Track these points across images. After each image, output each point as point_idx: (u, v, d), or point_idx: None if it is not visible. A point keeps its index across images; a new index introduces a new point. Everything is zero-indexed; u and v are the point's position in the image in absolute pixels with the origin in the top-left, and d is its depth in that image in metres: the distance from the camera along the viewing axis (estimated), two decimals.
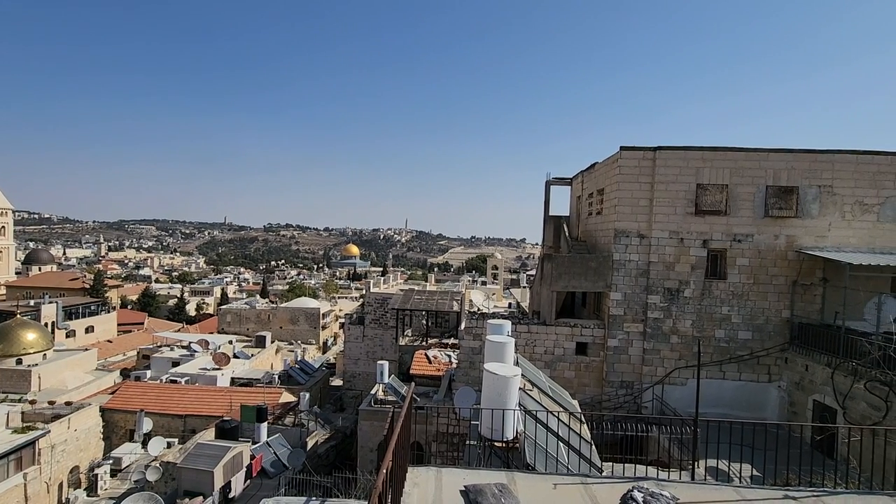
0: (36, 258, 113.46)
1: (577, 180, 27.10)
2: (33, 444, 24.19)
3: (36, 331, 39.70)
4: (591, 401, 19.97)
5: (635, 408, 19.81)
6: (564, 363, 20.77)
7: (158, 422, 29.05)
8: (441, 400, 21.75)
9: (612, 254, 20.14)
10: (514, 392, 10.09)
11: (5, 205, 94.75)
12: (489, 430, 9.91)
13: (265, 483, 21.42)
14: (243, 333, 54.69)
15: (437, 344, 31.21)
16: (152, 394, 31.59)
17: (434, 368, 26.97)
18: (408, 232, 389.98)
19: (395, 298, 34.80)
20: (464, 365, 21.48)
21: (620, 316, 20.07)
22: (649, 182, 19.85)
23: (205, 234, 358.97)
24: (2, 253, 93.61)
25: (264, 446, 23.18)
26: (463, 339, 21.74)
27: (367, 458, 22.64)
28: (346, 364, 37.88)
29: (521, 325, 20.74)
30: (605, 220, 21.62)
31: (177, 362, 39.30)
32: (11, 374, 36.34)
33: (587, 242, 24.11)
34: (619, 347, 20.16)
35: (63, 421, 26.47)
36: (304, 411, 28.50)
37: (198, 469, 19.90)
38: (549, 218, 27.72)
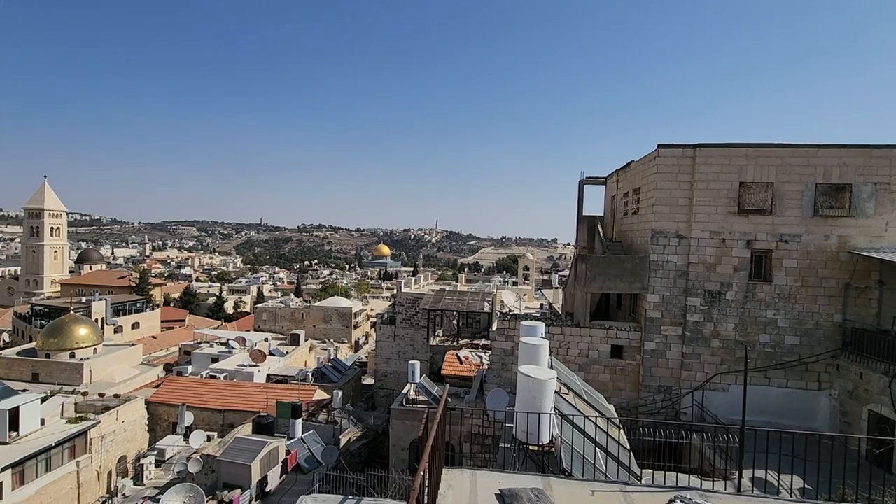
0: (87, 257, 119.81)
1: (612, 179, 26.49)
2: (85, 434, 25.49)
3: (87, 326, 41.89)
4: (626, 405, 19.47)
5: (673, 413, 19.17)
6: (599, 366, 20.32)
7: (199, 415, 30.13)
8: (472, 401, 21.66)
9: (648, 254, 19.57)
10: (550, 395, 9.93)
11: (60, 207, 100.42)
12: (524, 433, 9.77)
13: (300, 478, 21.87)
14: (278, 331, 56.14)
15: (469, 344, 31.14)
16: (193, 388, 32.79)
17: (465, 369, 26.91)
18: (438, 232, 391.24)
19: (426, 298, 34.92)
20: (496, 366, 21.33)
21: (658, 318, 19.48)
22: (689, 180, 19.18)
23: (242, 235, 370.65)
24: (57, 253, 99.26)
25: (299, 442, 23.67)
26: (495, 341, 21.59)
27: (399, 457, 22.79)
28: (378, 363, 38.27)
29: (554, 327, 20.42)
30: (642, 219, 21.03)
31: (216, 358, 40.67)
32: (65, 367, 38.48)
33: (622, 243, 23.51)
34: (656, 351, 19.57)
35: (112, 412, 27.79)
36: (337, 409, 28.96)
37: (236, 463, 20.52)
38: (583, 218, 27.19)
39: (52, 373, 38.31)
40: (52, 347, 39.26)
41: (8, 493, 21.38)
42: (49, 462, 23.49)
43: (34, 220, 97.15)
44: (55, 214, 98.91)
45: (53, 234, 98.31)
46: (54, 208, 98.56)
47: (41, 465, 23.08)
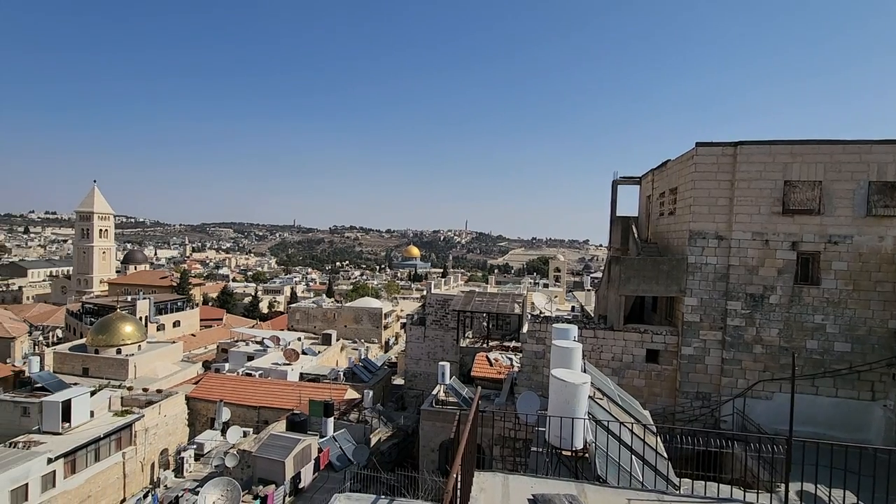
0: (132, 258, 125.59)
1: (647, 179, 25.81)
2: (131, 427, 26.68)
3: (132, 324, 43.90)
4: (662, 412, 18.88)
5: (713, 421, 18.48)
6: (633, 371, 19.80)
7: (235, 412, 31.08)
8: (503, 403, 21.48)
9: (686, 256, 18.94)
10: (584, 400, 9.73)
11: (108, 210, 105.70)
12: (557, 437, 9.61)
13: (332, 476, 22.22)
14: (311, 331, 57.31)
15: (499, 346, 30.93)
16: (230, 385, 33.85)
17: (495, 371, 26.74)
18: (468, 233, 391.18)
19: (456, 300, 34.91)
20: (526, 369, 21.10)
21: (696, 322, 18.82)
22: (729, 180, 18.46)
23: (276, 236, 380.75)
24: (105, 253, 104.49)
25: (331, 440, 24.06)
26: (525, 343, 21.36)
27: (429, 458, 22.84)
28: (408, 363, 38.52)
29: (586, 330, 20.04)
30: (679, 220, 20.39)
31: (251, 357, 41.87)
32: (112, 362, 40.43)
33: (658, 244, 22.85)
34: (694, 356, 18.91)
35: (155, 407, 28.99)
36: (368, 408, 29.30)
37: (271, 459, 21.04)
38: (617, 219, 26.59)
39: (101, 367, 40.33)
40: (101, 344, 41.33)
41: (60, 481, 22.59)
42: (98, 452, 24.68)
43: (84, 222, 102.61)
44: (103, 217, 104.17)
45: (102, 235, 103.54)
46: (103, 211, 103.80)
47: (90, 456, 24.28)
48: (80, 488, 23.53)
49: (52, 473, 22.17)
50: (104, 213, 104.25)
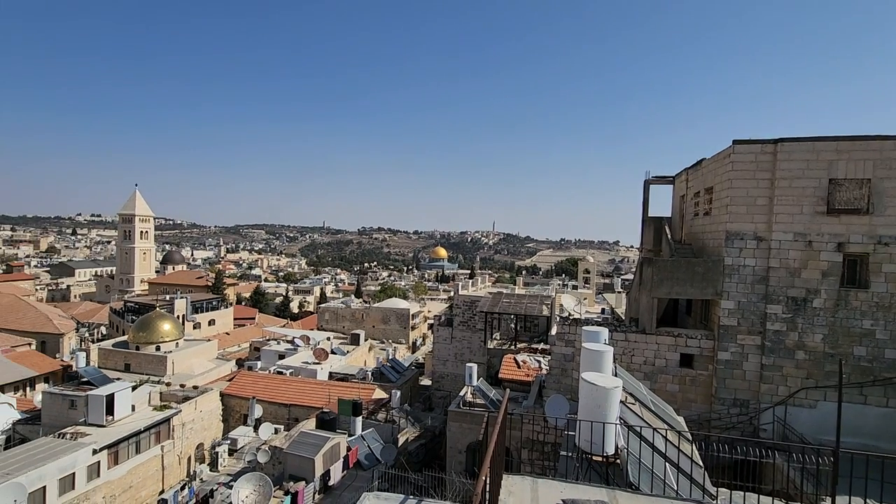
0: (170, 259, 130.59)
1: (681, 178, 25.09)
2: (169, 421, 27.66)
3: (170, 322, 45.55)
4: (697, 418, 18.29)
5: (751, 429, 17.77)
6: (667, 375, 19.25)
7: (267, 409, 31.81)
8: (531, 406, 21.25)
9: (722, 258, 18.30)
10: (615, 404, 9.51)
11: (148, 212, 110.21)
12: (587, 442, 9.42)
13: (360, 474, 22.48)
14: (339, 331, 58.16)
15: (526, 348, 30.64)
16: (262, 383, 34.67)
17: (523, 373, 26.51)
18: (495, 234, 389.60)
19: (484, 301, 34.79)
20: (555, 372, 20.81)
21: (733, 327, 18.15)
22: (769, 178, 17.74)
23: (306, 238, 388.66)
24: (146, 254, 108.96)
25: (359, 439, 24.34)
26: (554, 345, 21.08)
27: (456, 459, 22.81)
28: (435, 364, 38.59)
29: (617, 333, 19.61)
30: (715, 220, 19.72)
31: (282, 355, 42.79)
32: (152, 358, 42.05)
33: (692, 245, 22.17)
34: (731, 361, 18.23)
35: (191, 402, 29.96)
36: (396, 408, 29.49)
37: (301, 456, 21.44)
38: (649, 219, 25.96)
39: (141, 364, 42.00)
40: (141, 341, 43.04)
41: (105, 471, 23.61)
42: (138, 445, 25.70)
43: (127, 224, 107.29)
44: (144, 219, 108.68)
45: (143, 237, 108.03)
46: (143, 214, 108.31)
47: (132, 448, 25.30)
48: (123, 479, 24.54)
49: (96, 464, 23.20)
50: (145, 215, 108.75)
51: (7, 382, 38.82)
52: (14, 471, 19.99)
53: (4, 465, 20.60)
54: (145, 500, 25.20)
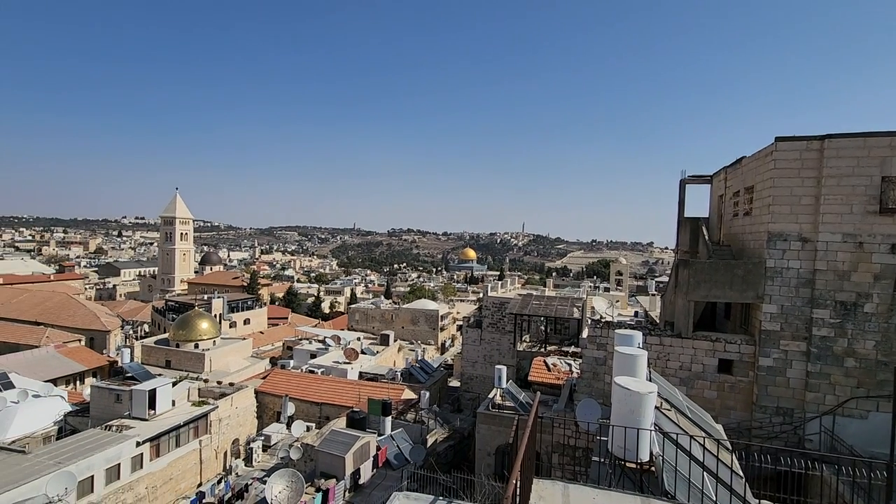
0: (208, 260, 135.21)
1: (719, 178, 24.22)
2: (206, 417, 28.61)
3: (208, 321, 47.16)
4: (737, 426, 17.58)
5: (795, 440, 16.94)
6: (704, 381, 18.59)
7: (299, 407, 32.49)
8: (561, 410, 20.91)
9: (764, 260, 17.54)
10: (649, 410, 9.24)
11: (187, 215, 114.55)
12: (620, 448, 9.19)
13: (389, 474, 22.65)
14: (369, 331, 58.85)
15: (557, 351, 30.21)
16: (295, 381, 35.43)
17: (553, 376, 26.15)
18: (525, 236, 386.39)
19: (513, 303, 34.51)
20: (586, 375, 20.41)
21: (776, 332, 17.36)
22: (814, 176, 16.90)
23: (337, 239, 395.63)
24: (185, 255, 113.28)
25: (388, 439, 24.52)
26: (585, 348, 20.68)
27: (485, 462, 22.68)
28: (464, 366, 38.54)
29: (651, 337, 19.07)
30: (756, 221, 18.94)
31: (314, 354, 43.64)
32: (191, 356, 43.63)
33: (731, 247, 21.36)
34: (773, 368, 17.44)
35: (227, 399, 30.90)
36: (424, 409, 29.59)
37: (332, 454, 21.77)
38: (685, 220, 25.16)
39: (181, 360, 43.66)
40: (181, 338, 44.74)
41: (147, 463, 24.63)
42: (178, 439, 26.68)
43: (168, 226, 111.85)
44: (184, 222, 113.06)
45: (183, 239, 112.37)
46: (183, 216, 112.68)
47: (172, 441, 26.29)
48: (164, 471, 25.53)
49: (140, 456, 24.23)
50: (184, 217, 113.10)
51: (59, 376, 41.10)
52: (65, 460, 21.10)
53: (57, 454, 21.77)
54: (184, 492, 26.13)
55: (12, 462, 20.70)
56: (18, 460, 20.92)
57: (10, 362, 39.39)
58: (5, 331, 53.18)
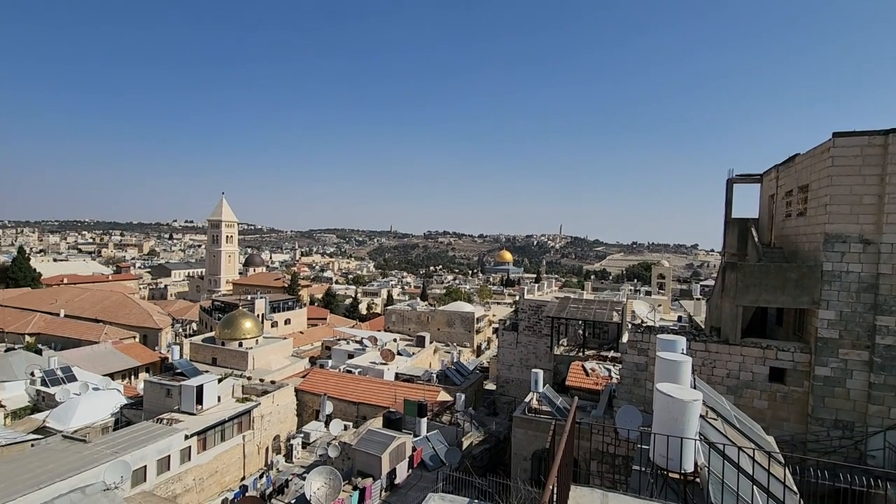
0: (252, 261, 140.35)
1: (770, 176, 23.04)
2: (250, 413, 29.62)
3: (251, 320, 48.86)
4: (790, 439, 16.62)
5: (856, 455, 15.85)
6: (753, 391, 17.68)
7: (337, 405, 33.12)
8: (600, 416, 20.40)
9: (820, 263, 16.53)
10: (694, 419, 8.86)
11: (232, 218, 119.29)
12: (662, 457, 8.85)
13: (424, 475, 22.72)
14: (405, 332, 59.36)
15: (595, 356, 29.50)
16: (333, 381, 36.16)
17: (591, 382, 25.54)
18: (562, 238, 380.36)
19: (550, 306, 33.98)
20: (626, 381, 19.83)
21: (834, 339, 16.31)
22: (878, 174, 15.80)
23: (374, 241, 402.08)
24: (231, 257, 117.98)
25: (424, 440, 24.62)
26: (625, 354, 20.11)
27: (521, 467, 22.40)
28: (500, 369, 38.24)
29: (696, 343, 18.33)
30: (811, 221, 17.88)
31: (352, 355, 44.41)
32: (235, 354, 45.31)
33: (784, 249, 20.25)
34: (831, 378, 16.39)
35: (269, 396, 31.88)
36: (460, 411, 29.54)
37: (369, 453, 22.05)
38: (732, 221, 24.07)
39: (226, 358, 45.41)
40: (226, 337, 46.55)
41: (194, 456, 25.74)
42: (223, 433, 27.74)
43: (214, 229, 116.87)
44: (229, 225, 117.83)
45: (228, 241, 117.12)
46: (229, 220, 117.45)
47: (217, 436, 27.36)
48: (210, 464, 26.60)
49: (188, 448, 25.35)
50: (230, 221, 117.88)
51: (116, 371, 43.65)
52: (121, 450, 22.33)
53: (114, 444, 23.08)
54: (228, 486, 27.11)
55: (74, 450, 22.09)
56: (80, 448, 22.30)
57: (73, 357, 42.16)
58: (70, 327, 57.01)
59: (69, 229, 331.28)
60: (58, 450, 22.19)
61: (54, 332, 55.29)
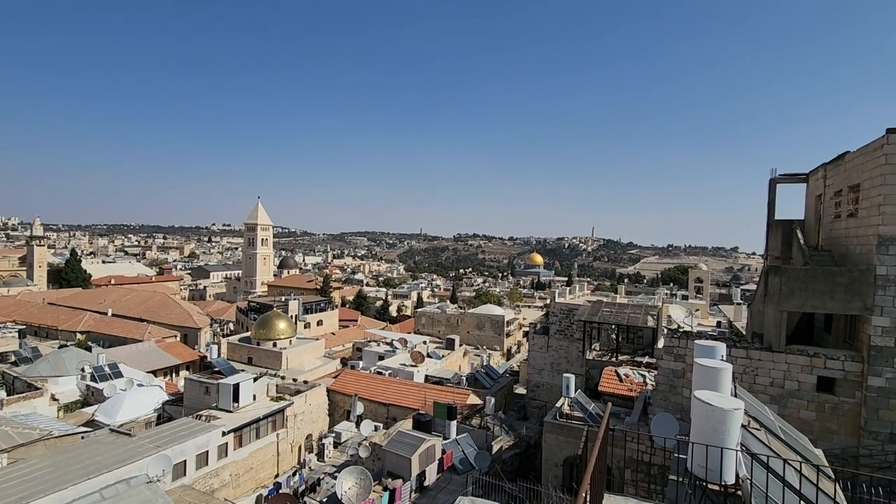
0: (285, 264, 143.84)
1: (817, 176, 21.94)
2: (283, 412, 30.29)
3: (285, 321, 50.03)
4: (840, 453, 15.73)
5: None
6: (799, 401, 16.84)
7: (368, 406, 33.49)
8: (634, 423, 19.87)
9: (873, 266, 15.61)
10: (735, 428, 8.49)
11: (267, 222, 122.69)
12: (701, 468, 8.53)
13: (454, 478, 22.64)
14: (435, 335, 59.52)
15: (629, 361, 28.76)
16: (364, 382, 36.59)
17: (625, 388, 24.92)
18: (594, 240, 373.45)
19: (582, 310, 33.37)
20: (662, 388, 19.24)
21: (889, 348, 15.35)
22: None
23: (404, 244, 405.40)
24: (266, 259, 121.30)
25: (453, 443, 24.55)
26: (661, 359, 19.51)
27: (552, 473, 22.04)
28: (530, 373, 37.81)
29: (737, 349, 17.61)
30: (863, 223, 16.91)
31: (382, 356, 44.84)
32: (270, 354, 46.47)
33: (832, 252, 19.23)
34: (886, 389, 15.43)
35: (302, 395, 32.53)
36: (490, 415, 29.34)
37: (399, 454, 22.17)
38: (775, 222, 23.05)
39: (261, 358, 46.63)
40: (261, 337, 47.81)
41: (231, 452, 26.52)
42: (258, 431, 28.48)
43: (251, 232, 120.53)
44: (265, 228, 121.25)
45: (263, 244, 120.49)
46: (264, 223, 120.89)
47: (252, 433, 28.11)
48: (245, 460, 27.35)
49: (225, 444, 26.15)
50: (265, 224, 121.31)
51: (159, 368, 45.54)
52: (163, 444, 23.25)
53: (157, 438, 24.06)
54: (263, 482, 27.79)
55: (120, 443, 23.15)
56: (125, 442, 23.35)
57: (119, 354, 44.26)
58: (116, 326, 59.90)
59: (116, 233, 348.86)
60: (105, 442, 23.30)
61: (103, 331, 58.22)
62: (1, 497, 17.37)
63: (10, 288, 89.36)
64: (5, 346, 45.03)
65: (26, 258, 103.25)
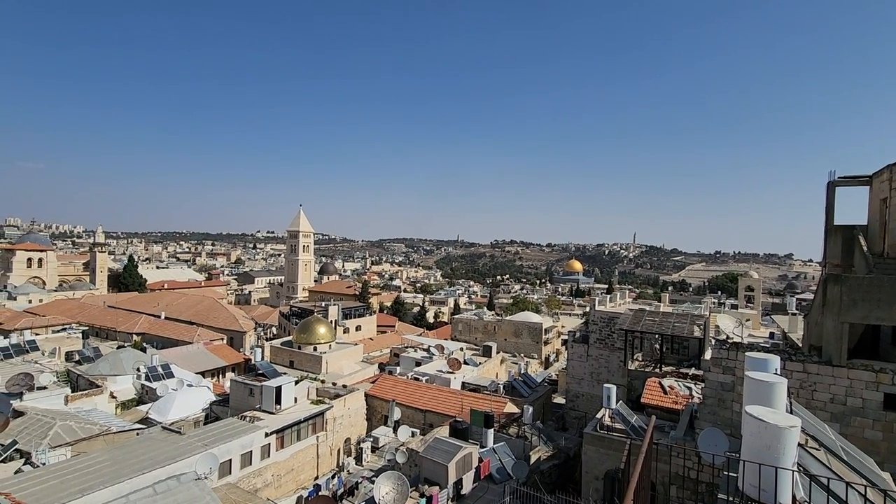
0: (326, 270, 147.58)
1: (882, 178, 20.50)
2: (323, 415, 30.93)
3: (325, 326, 51.17)
4: None
5: None
6: (864, 419, 15.67)
7: (405, 412, 33.66)
8: (680, 438, 19.02)
9: None
10: (792, 447, 8.01)
11: (309, 229, 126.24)
12: (753, 487, 8.08)
13: (491, 487, 22.39)
14: (472, 342, 59.24)
15: (674, 373, 27.66)
16: (401, 388, 36.84)
17: (670, 400, 23.96)
18: (636, 247, 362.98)
19: (624, 318, 32.40)
20: (710, 402, 18.36)
21: None
22: None
23: (441, 251, 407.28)
24: (307, 265, 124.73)
25: (490, 452, 24.30)
26: (709, 372, 18.63)
27: (592, 486, 21.41)
28: (569, 383, 36.99)
29: (792, 363, 16.61)
30: None
31: (419, 362, 45.04)
32: (310, 357, 47.61)
33: None
34: None
35: (341, 399, 33.11)
36: (528, 424, 28.89)
37: (435, 461, 22.14)
38: (834, 228, 21.66)
39: (302, 361, 47.85)
40: (302, 341, 49.08)
41: (273, 453, 27.29)
42: (299, 433, 29.18)
43: (293, 239, 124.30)
44: (306, 235, 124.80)
45: (305, 250, 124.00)
46: (306, 230, 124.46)
47: (294, 435, 28.82)
48: (287, 461, 28.06)
49: (268, 445, 26.94)
50: (307, 231, 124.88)
51: (207, 369, 47.56)
52: (210, 443, 24.21)
53: (204, 437, 25.08)
54: (303, 484, 28.40)
55: (171, 441, 24.29)
56: (176, 440, 24.48)
57: (171, 355, 46.53)
58: (169, 328, 63.08)
59: (169, 240, 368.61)
60: (158, 439, 24.50)
61: (156, 333, 61.44)
62: (65, 487, 18.56)
63: (74, 291, 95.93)
64: (70, 345, 48.37)
65: (89, 264, 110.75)
